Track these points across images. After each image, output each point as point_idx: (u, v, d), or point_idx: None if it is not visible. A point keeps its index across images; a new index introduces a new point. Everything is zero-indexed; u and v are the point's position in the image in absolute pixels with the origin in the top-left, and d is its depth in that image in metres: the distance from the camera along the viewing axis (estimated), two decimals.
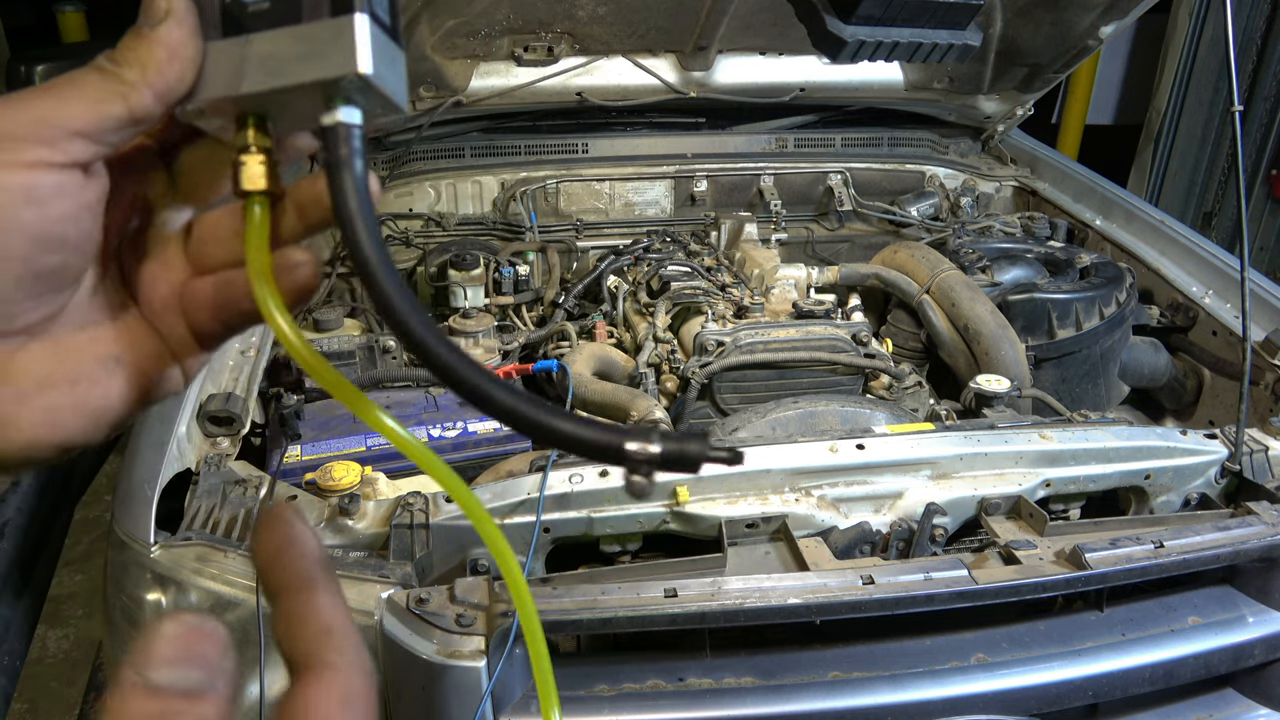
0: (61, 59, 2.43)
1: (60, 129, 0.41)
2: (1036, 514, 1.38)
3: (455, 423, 1.60)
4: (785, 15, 2.06)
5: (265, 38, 0.43)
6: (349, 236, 0.41)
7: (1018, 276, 2.15)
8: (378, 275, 0.41)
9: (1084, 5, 2.24)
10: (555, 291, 2.21)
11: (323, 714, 0.38)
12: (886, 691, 1.22)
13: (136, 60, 0.42)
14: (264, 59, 0.43)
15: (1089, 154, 4.51)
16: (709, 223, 2.41)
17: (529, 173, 2.46)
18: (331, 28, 0.42)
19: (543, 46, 2.32)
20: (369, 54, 0.42)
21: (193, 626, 0.36)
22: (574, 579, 1.26)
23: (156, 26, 0.42)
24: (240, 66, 0.43)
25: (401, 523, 1.26)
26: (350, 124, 0.43)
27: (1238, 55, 4.28)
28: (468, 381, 0.42)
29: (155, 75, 0.42)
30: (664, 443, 0.41)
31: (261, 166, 0.45)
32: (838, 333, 1.84)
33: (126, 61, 0.42)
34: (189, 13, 0.43)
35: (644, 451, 0.41)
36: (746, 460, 1.37)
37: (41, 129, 0.40)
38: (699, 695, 1.20)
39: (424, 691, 1.12)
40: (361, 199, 0.42)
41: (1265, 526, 1.36)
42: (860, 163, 2.65)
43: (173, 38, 0.42)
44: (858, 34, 1.82)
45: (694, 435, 0.42)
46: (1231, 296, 2.03)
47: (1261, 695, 1.40)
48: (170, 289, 0.49)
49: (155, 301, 0.49)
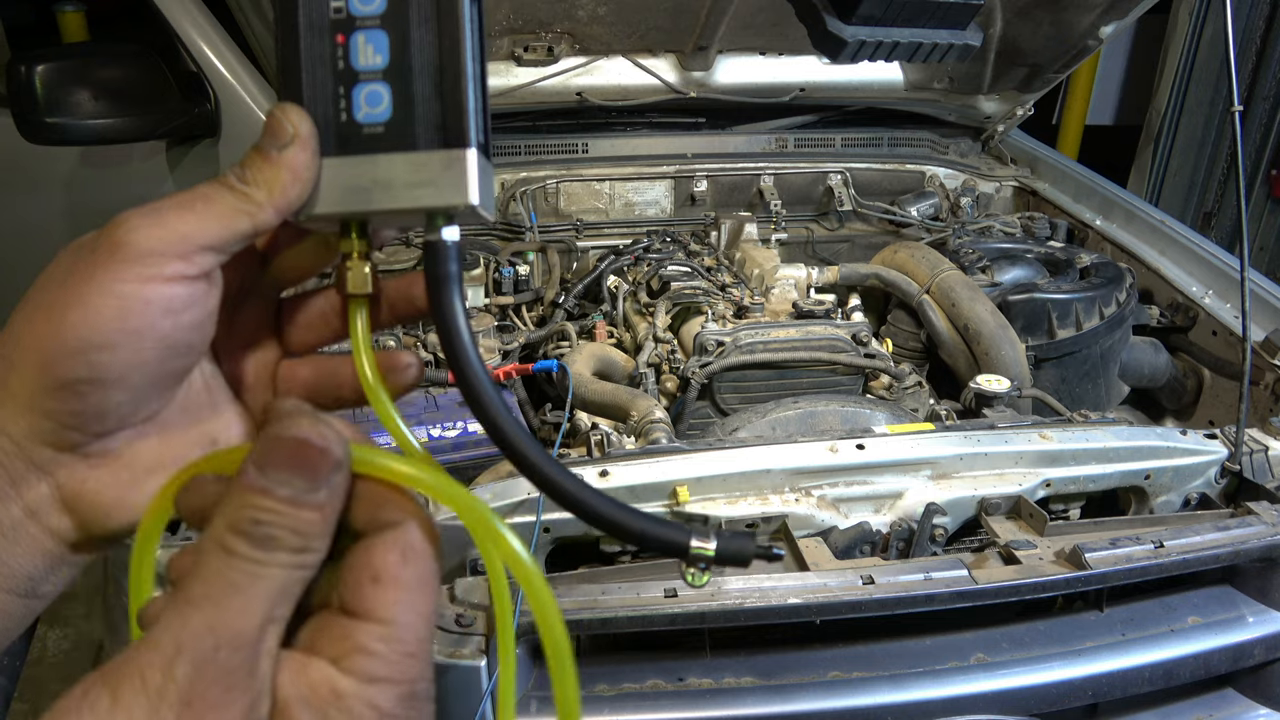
0: (61, 59, 2.43)
1: (196, 245, 0.44)
2: (1036, 514, 1.38)
3: (455, 423, 1.60)
4: (785, 15, 2.06)
5: (379, 161, 0.46)
6: (450, 346, 0.45)
7: (1018, 276, 2.15)
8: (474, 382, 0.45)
9: (1084, 5, 2.24)
10: (555, 291, 2.21)
11: (383, 564, 0.40)
12: (886, 691, 1.22)
13: (264, 181, 0.45)
14: (379, 181, 0.46)
15: (1089, 154, 4.50)
16: (709, 223, 2.41)
17: (529, 173, 2.46)
18: (443, 159, 0.46)
19: (543, 46, 2.32)
20: (477, 186, 0.46)
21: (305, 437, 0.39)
22: (574, 579, 1.26)
23: (284, 150, 0.45)
24: (355, 185, 0.46)
25: None
26: (450, 241, 0.46)
27: (1238, 55, 4.28)
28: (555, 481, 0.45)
29: (280, 196, 0.45)
30: (720, 540, 0.46)
31: (366, 271, 0.48)
32: (838, 333, 1.84)
33: (255, 182, 0.45)
34: (312, 137, 0.46)
35: (703, 549, 0.46)
36: (746, 460, 1.38)
37: (180, 245, 0.43)
38: (699, 695, 1.20)
39: None
40: (462, 311, 0.46)
41: (1265, 526, 1.36)
42: (860, 163, 2.65)
43: (298, 161, 0.45)
44: (858, 34, 1.82)
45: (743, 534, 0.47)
46: (1231, 296, 2.03)
47: (1261, 695, 1.40)
48: (264, 369, 0.53)
49: (249, 380, 0.53)
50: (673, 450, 1.40)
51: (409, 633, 0.40)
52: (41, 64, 2.34)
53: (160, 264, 0.43)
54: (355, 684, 0.39)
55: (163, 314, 0.43)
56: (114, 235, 0.43)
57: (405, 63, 0.46)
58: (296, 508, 0.38)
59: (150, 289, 0.43)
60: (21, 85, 2.31)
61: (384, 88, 0.46)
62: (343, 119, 0.46)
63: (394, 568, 0.40)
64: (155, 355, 0.44)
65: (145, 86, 2.47)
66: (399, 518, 0.41)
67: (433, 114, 0.46)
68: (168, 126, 2.56)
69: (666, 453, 1.38)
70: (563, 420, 1.70)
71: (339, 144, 0.46)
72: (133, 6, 2.65)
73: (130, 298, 0.43)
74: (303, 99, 0.46)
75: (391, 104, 0.46)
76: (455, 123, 0.46)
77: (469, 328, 0.45)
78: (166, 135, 2.63)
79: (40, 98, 2.33)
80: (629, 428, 1.65)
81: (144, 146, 2.71)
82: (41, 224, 2.94)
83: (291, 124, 0.45)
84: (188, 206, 0.44)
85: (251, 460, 0.39)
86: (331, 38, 0.46)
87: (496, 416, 0.45)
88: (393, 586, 0.40)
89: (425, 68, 0.46)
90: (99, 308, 0.42)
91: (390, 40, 0.46)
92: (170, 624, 0.37)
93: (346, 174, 0.46)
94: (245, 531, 0.38)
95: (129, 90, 2.45)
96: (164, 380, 0.46)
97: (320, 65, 0.46)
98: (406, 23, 0.46)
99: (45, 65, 2.35)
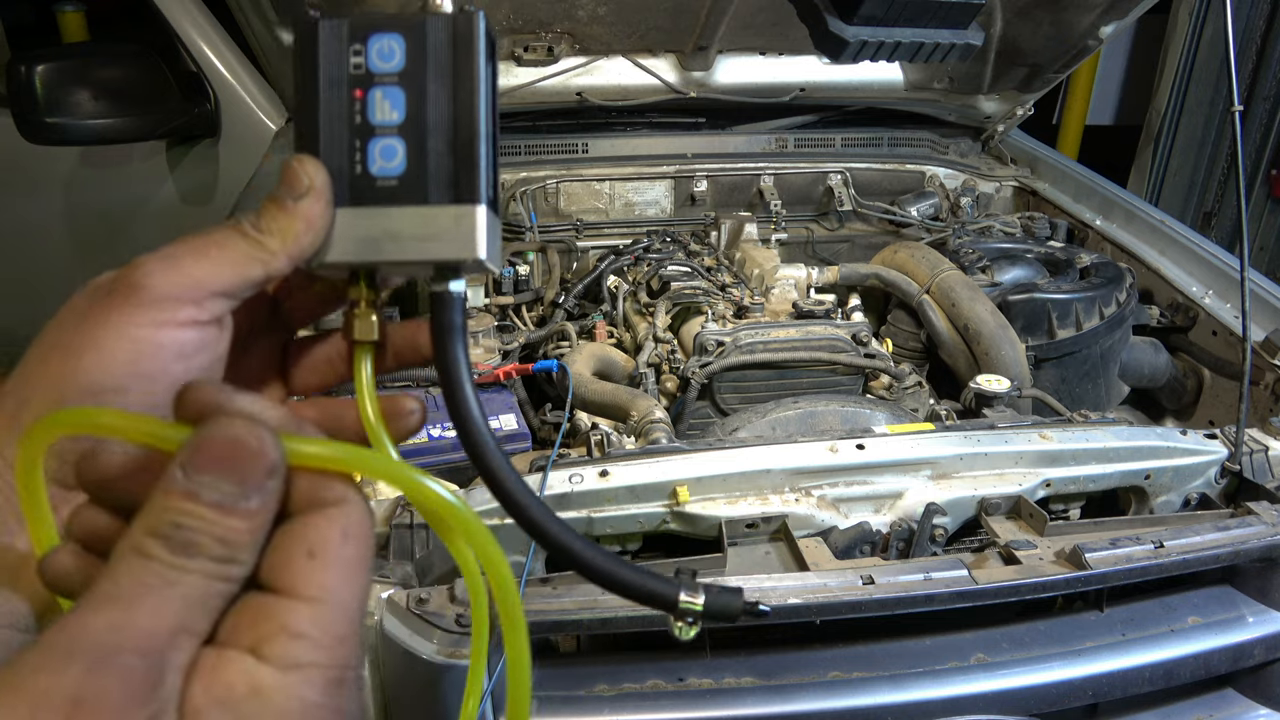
0: (61, 59, 2.43)
1: (209, 290, 0.44)
2: (1036, 514, 1.38)
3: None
4: (786, 15, 2.06)
5: (392, 213, 0.47)
6: (452, 397, 0.47)
7: (1018, 276, 2.15)
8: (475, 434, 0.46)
9: (1084, 5, 2.24)
10: (555, 291, 2.21)
11: (321, 539, 0.38)
12: (886, 691, 1.22)
13: (279, 230, 0.46)
14: (390, 233, 0.47)
15: (1089, 154, 4.50)
16: (709, 223, 2.41)
17: (529, 173, 2.46)
18: (454, 214, 0.47)
19: (543, 46, 2.32)
20: (485, 241, 0.47)
21: (238, 438, 0.37)
22: (574, 579, 1.26)
23: (299, 200, 0.46)
24: (367, 236, 0.48)
25: (401, 523, 1.26)
26: (456, 293, 0.48)
27: (1238, 55, 4.28)
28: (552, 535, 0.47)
29: (293, 244, 0.46)
30: (708, 595, 0.48)
31: (373, 319, 0.50)
32: (838, 333, 1.84)
33: (269, 231, 0.46)
34: (327, 189, 0.47)
35: (691, 604, 0.48)
36: (746, 460, 1.38)
37: (194, 291, 0.44)
38: (699, 695, 1.20)
39: (424, 691, 1.12)
40: (465, 363, 0.47)
41: (1265, 526, 1.36)
42: (860, 163, 2.65)
43: (312, 212, 0.46)
44: (859, 34, 1.82)
45: (731, 590, 0.49)
46: (1231, 296, 2.03)
47: (1261, 695, 1.40)
48: None
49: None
50: (673, 450, 1.40)
51: (341, 614, 0.38)
52: (41, 64, 2.34)
53: (174, 309, 0.44)
54: (276, 674, 0.36)
55: (175, 358, 0.44)
56: (130, 278, 0.44)
57: (420, 119, 0.47)
58: (224, 514, 0.36)
59: (164, 334, 0.43)
60: (21, 85, 2.31)
61: (399, 142, 0.47)
62: (357, 171, 0.47)
63: (334, 544, 0.38)
64: (166, 399, 0.43)
65: (145, 86, 2.47)
66: (340, 495, 0.39)
67: (445, 170, 0.47)
68: (168, 126, 2.57)
69: (666, 453, 1.38)
70: (563, 420, 1.70)
71: (353, 195, 0.47)
72: (133, 6, 2.65)
73: (144, 342, 0.43)
74: (319, 151, 0.47)
75: (405, 158, 0.47)
76: (467, 179, 0.47)
77: (471, 379, 0.47)
78: (166, 135, 2.63)
79: (40, 98, 2.33)
80: (629, 428, 1.65)
81: (144, 146, 2.71)
82: (41, 224, 2.94)
83: (308, 175, 0.46)
84: (203, 253, 0.45)
85: (178, 460, 0.36)
86: (350, 92, 0.47)
87: (496, 469, 0.46)
88: (331, 563, 0.38)
89: (440, 125, 0.47)
90: (113, 351, 0.43)
91: (407, 97, 0.47)
92: (67, 624, 0.34)
93: (359, 224, 0.47)
94: (164, 535, 0.35)
95: (129, 90, 2.45)
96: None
97: (338, 119, 0.47)
98: (424, 81, 0.47)
99: (45, 65, 2.35)
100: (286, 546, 0.38)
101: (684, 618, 0.47)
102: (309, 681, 0.36)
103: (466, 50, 0.47)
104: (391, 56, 0.47)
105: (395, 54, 0.47)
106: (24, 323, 1.15)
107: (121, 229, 2.89)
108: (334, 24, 0.47)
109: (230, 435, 0.37)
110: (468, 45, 0.47)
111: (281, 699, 0.35)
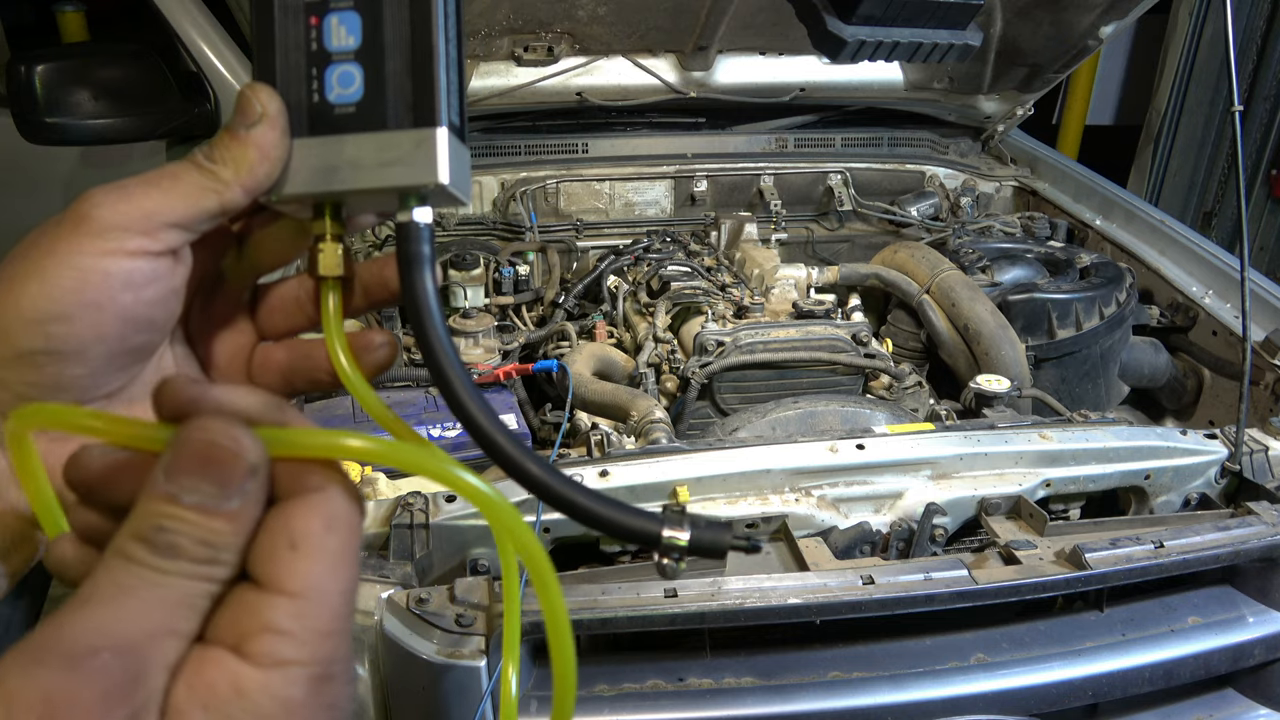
0: (61, 59, 2.43)
1: (160, 221, 0.44)
2: (1036, 514, 1.38)
3: (455, 423, 1.60)
4: (785, 15, 2.06)
5: (350, 140, 0.46)
6: (420, 327, 0.45)
7: (1018, 276, 2.15)
8: (443, 364, 0.44)
9: (1084, 5, 2.24)
10: (555, 291, 2.21)
11: (303, 529, 0.37)
12: (886, 691, 1.22)
13: (231, 160, 0.45)
14: (349, 161, 0.46)
15: (1089, 154, 4.50)
16: (709, 223, 2.41)
17: (529, 173, 2.46)
18: (414, 138, 0.45)
19: (543, 46, 2.32)
20: (447, 165, 0.45)
21: (214, 440, 0.36)
22: (574, 579, 1.26)
23: (251, 128, 0.45)
24: (326, 165, 0.46)
25: (401, 523, 1.26)
26: (422, 223, 0.46)
27: (1238, 55, 4.28)
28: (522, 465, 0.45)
29: (247, 174, 0.45)
30: (694, 530, 0.44)
31: (338, 254, 0.48)
32: (838, 333, 1.84)
33: (222, 160, 0.45)
34: (281, 115, 0.46)
35: (675, 539, 0.44)
36: (746, 460, 1.38)
37: (144, 222, 0.43)
38: (699, 695, 1.20)
39: (424, 691, 1.12)
40: (433, 291, 0.45)
41: (1265, 526, 1.36)
42: (860, 163, 2.65)
43: (266, 140, 0.45)
44: (858, 34, 1.82)
45: (720, 524, 0.45)
46: (1231, 296, 2.03)
47: (1261, 695, 1.40)
48: (238, 352, 0.53)
49: (222, 364, 0.53)
50: (673, 450, 1.40)
51: (325, 608, 0.37)
52: (41, 64, 2.34)
53: (122, 238, 0.43)
54: (260, 674, 0.35)
55: (122, 287, 0.43)
56: (79, 209, 0.43)
57: (377, 43, 0.46)
58: (206, 516, 0.35)
59: (110, 262, 0.43)
60: (21, 85, 2.31)
61: (356, 68, 0.46)
62: (315, 99, 0.46)
63: (316, 535, 0.37)
64: (115, 329, 0.44)
65: (145, 86, 2.47)
66: (322, 483, 0.38)
67: (404, 93, 0.46)
68: (168, 126, 2.56)
69: (666, 453, 1.38)
70: (563, 420, 1.70)
71: (311, 124, 0.46)
72: (133, 6, 2.65)
73: (89, 270, 0.42)
74: (275, 80, 0.46)
75: (363, 84, 0.46)
76: (426, 101, 0.46)
77: (439, 307, 0.45)
78: (166, 135, 2.63)
79: (40, 98, 2.33)
80: (629, 428, 1.65)
81: (144, 146, 2.71)
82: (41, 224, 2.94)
83: (260, 103, 0.45)
84: (154, 183, 0.44)
85: (160, 464, 0.36)
86: (305, 19, 0.46)
87: (461, 393, 0.44)
88: (313, 555, 0.37)
89: (397, 47, 0.46)
90: (57, 279, 0.42)
91: (363, 21, 0.46)
92: (48, 625, 0.34)
93: (318, 154, 0.46)
94: (147, 538, 0.35)
95: (129, 90, 2.45)
96: (125, 356, 0.46)
97: (293, 47, 0.46)
98: (379, 4, 0.46)
99: (45, 65, 2.34)
100: (270, 538, 0.37)
101: (669, 554, 0.44)
102: (292, 680, 0.35)
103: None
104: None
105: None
106: None
107: None
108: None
109: (206, 438, 0.36)
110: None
111: (264, 698, 0.35)
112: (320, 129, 0.46)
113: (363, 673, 1.14)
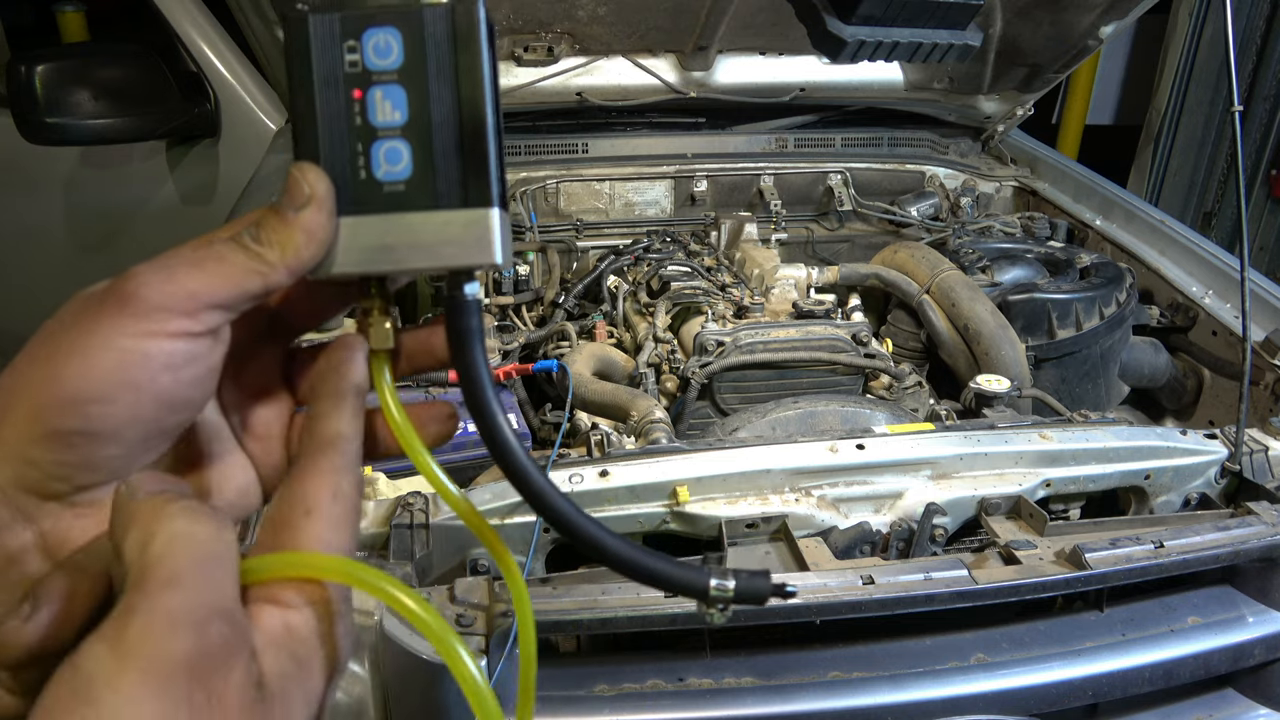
0: (61, 59, 2.43)
1: (204, 303, 0.43)
2: (1036, 514, 1.38)
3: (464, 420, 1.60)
4: (785, 15, 2.06)
5: (400, 220, 0.45)
6: (477, 405, 0.45)
7: (1018, 276, 2.15)
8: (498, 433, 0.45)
9: (1084, 5, 2.24)
10: (555, 291, 2.21)
11: (314, 498, 0.42)
12: (886, 691, 1.22)
13: (278, 242, 0.44)
14: (399, 241, 0.45)
15: (1089, 154, 4.50)
16: (709, 223, 2.41)
17: (529, 173, 2.46)
18: (466, 218, 0.45)
19: (543, 46, 2.32)
20: (499, 245, 0.45)
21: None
22: (574, 579, 1.26)
23: (300, 211, 0.44)
24: (375, 245, 0.45)
25: (401, 523, 1.26)
26: (473, 297, 0.46)
27: (1238, 55, 4.28)
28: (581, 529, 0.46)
29: (293, 257, 0.44)
30: (738, 581, 0.47)
31: (387, 327, 0.48)
32: (838, 333, 1.84)
33: (269, 243, 0.44)
34: (329, 198, 0.45)
35: (723, 590, 0.47)
36: (746, 460, 1.38)
37: (188, 302, 0.43)
38: (699, 695, 1.20)
39: (424, 691, 1.12)
40: (485, 366, 0.46)
41: (1265, 526, 1.36)
42: (860, 163, 2.65)
43: (314, 223, 0.45)
44: (858, 34, 1.82)
45: (759, 574, 0.48)
46: (1231, 296, 2.03)
47: (1261, 695, 1.40)
48: (275, 419, 0.52)
49: (258, 431, 0.52)
50: (673, 450, 1.40)
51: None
52: (41, 64, 2.34)
53: (165, 320, 0.42)
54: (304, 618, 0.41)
55: (163, 369, 0.43)
56: (123, 288, 0.42)
57: (424, 119, 0.45)
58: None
59: (152, 344, 0.42)
60: (21, 85, 2.32)
61: (403, 145, 0.45)
62: (361, 177, 0.45)
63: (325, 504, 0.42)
64: (152, 411, 0.43)
65: (145, 86, 2.47)
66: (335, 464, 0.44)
67: (454, 172, 0.45)
68: (168, 126, 2.57)
69: (666, 453, 1.38)
70: (563, 420, 1.70)
71: (358, 203, 0.45)
72: (133, 6, 2.65)
73: (130, 351, 0.42)
74: (319, 157, 0.45)
75: (411, 161, 0.45)
76: (478, 181, 0.45)
77: (493, 382, 0.46)
78: (166, 135, 2.63)
79: (40, 98, 2.33)
80: (629, 428, 1.65)
81: (144, 146, 2.72)
82: (41, 224, 2.94)
83: (309, 184, 0.44)
84: (199, 264, 0.43)
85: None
86: (348, 93, 0.45)
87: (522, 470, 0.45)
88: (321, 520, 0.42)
89: (445, 124, 0.45)
90: (99, 360, 0.41)
91: (409, 96, 0.45)
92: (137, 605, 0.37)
93: (366, 233, 0.45)
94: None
95: (129, 90, 2.45)
96: (160, 436, 0.45)
97: (337, 122, 0.45)
98: (425, 78, 0.45)
99: (45, 65, 2.35)
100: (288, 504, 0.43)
101: (716, 604, 0.47)
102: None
103: (468, 43, 0.45)
104: (389, 52, 0.45)
105: (393, 49, 0.45)
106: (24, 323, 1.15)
107: (121, 229, 2.89)
108: (325, 18, 0.45)
109: None
110: (469, 37, 0.45)
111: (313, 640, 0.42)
112: (369, 208, 0.45)
113: (363, 673, 1.14)
